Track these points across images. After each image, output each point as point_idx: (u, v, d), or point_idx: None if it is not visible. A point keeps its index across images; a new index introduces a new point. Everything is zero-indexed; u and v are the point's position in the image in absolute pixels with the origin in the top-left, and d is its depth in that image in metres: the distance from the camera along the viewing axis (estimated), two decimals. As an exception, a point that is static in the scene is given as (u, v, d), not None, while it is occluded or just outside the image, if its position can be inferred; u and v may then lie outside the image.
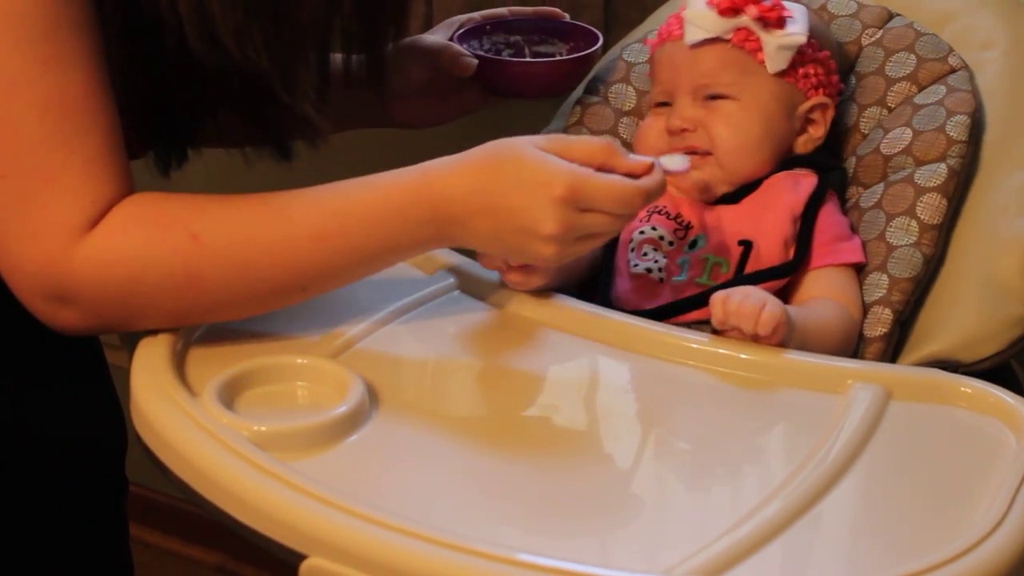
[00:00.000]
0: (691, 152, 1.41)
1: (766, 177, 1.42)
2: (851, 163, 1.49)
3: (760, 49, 1.41)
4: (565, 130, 1.55)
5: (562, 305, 1.33)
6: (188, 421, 1.15)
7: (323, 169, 1.37)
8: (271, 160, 1.40)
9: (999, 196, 1.39)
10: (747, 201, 1.42)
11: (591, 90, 1.57)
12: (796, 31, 1.42)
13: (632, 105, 1.56)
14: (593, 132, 1.54)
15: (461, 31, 1.57)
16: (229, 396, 1.18)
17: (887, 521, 1.09)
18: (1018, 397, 1.19)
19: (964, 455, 1.16)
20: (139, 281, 1.21)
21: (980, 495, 1.09)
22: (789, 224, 1.39)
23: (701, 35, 1.42)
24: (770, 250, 1.38)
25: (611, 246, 1.41)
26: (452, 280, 1.38)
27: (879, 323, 1.36)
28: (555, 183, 1.20)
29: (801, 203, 1.40)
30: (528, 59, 1.59)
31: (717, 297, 1.28)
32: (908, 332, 1.38)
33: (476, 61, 1.52)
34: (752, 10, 1.40)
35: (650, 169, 1.24)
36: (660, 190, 1.24)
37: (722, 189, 1.42)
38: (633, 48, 1.59)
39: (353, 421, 1.16)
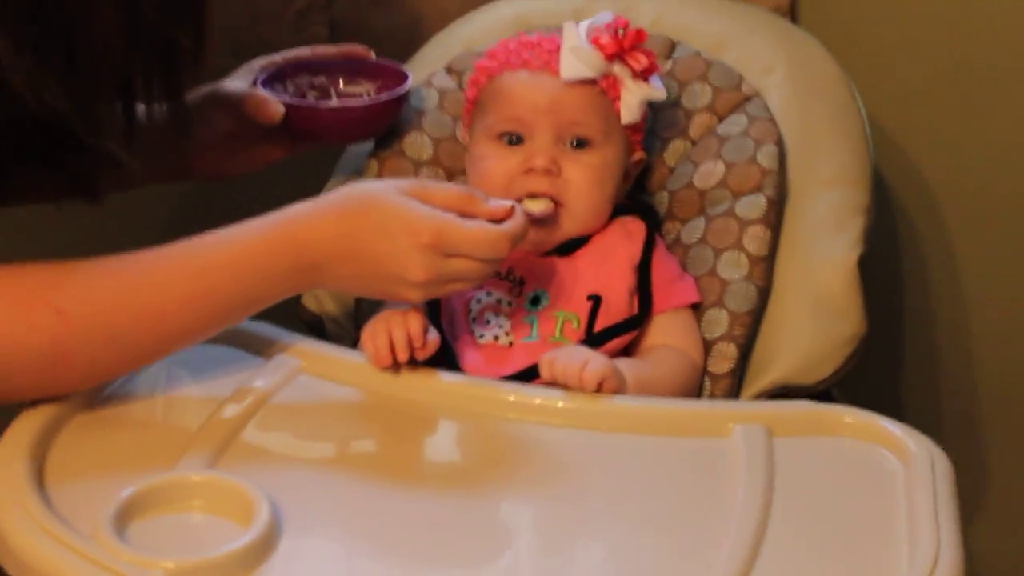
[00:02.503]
0: (547, 198, 1.37)
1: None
2: (662, 198, 1.50)
3: (619, 98, 1.40)
4: (365, 186, 1.50)
5: (414, 375, 1.29)
6: (86, 563, 1.05)
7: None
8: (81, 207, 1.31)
9: (812, 218, 1.44)
10: (584, 253, 1.40)
11: (385, 142, 1.52)
12: (658, 86, 1.41)
13: (430, 154, 1.52)
14: (395, 186, 1.49)
15: (263, 76, 1.50)
16: (121, 526, 1.09)
17: (825, 571, 1.10)
18: (898, 423, 1.23)
19: (863, 487, 1.19)
20: (3, 362, 1.16)
21: (897, 528, 1.12)
22: (632, 275, 1.39)
23: (582, 72, 1.38)
24: (617, 302, 1.37)
25: (447, 319, 1.38)
26: (295, 363, 1.31)
27: (725, 359, 1.38)
28: (422, 230, 1.21)
29: (638, 253, 1.40)
30: (338, 103, 1.52)
31: (544, 360, 1.28)
32: (747, 362, 1.40)
33: (283, 108, 1.45)
34: (636, 59, 1.38)
35: (511, 213, 1.25)
36: (524, 233, 1.25)
37: (558, 242, 1.40)
38: (420, 94, 1.54)
39: (268, 542, 1.08)
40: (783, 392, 1.38)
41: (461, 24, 1.63)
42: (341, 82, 1.56)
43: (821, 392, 1.38)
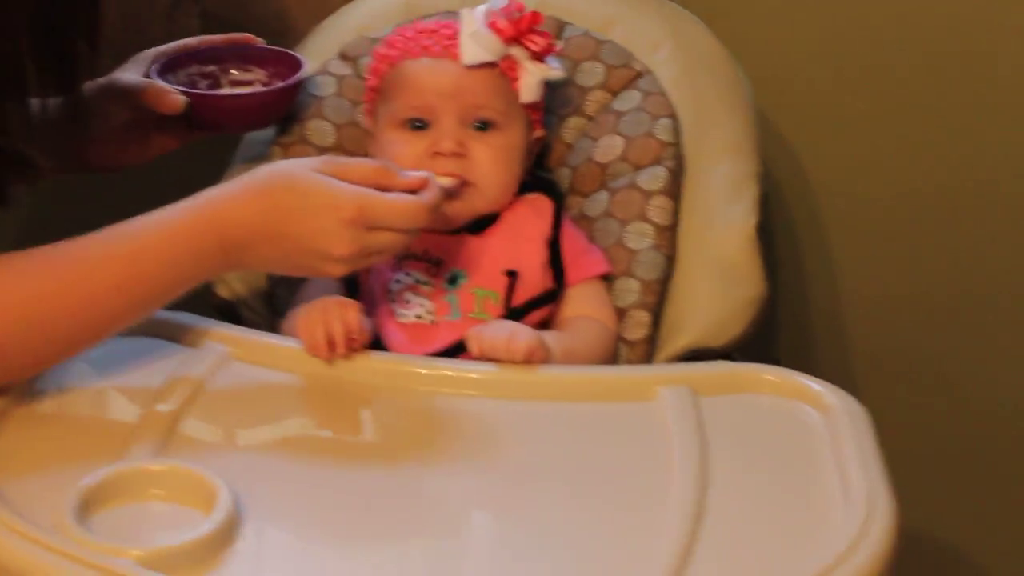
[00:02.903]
0: (453, 177, 1.40)
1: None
2: (563, 174, 1.54)
3: (518, 79, 1.43)
4: (270, 173, 1.51)
5: (347, 357, 1.31)
6: (54, 556, 1.05)
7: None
8: None
9: (708, 188, 1.49)
10: (495, 230, 1.44)
11: (286, 130, 1.53)
12: (555, 66, 1.45)
13: (332, 140, 1.53)
14: (300, 172, 1.50)
15: (157, 65, 1.50)
16: (83, 517, 1.09)
17: (773, 522, 1.14)
18: (817, 380, 1.29)
19: (790, 441, 1.24)
20: None
21: (828, 478, 1.18)
22: (545, 249, 1.43)
23: (482, 56, 1.41)
24: (532, 276, 1.41)
25: (366, 299, 1.40)
26: (223, 349, 1.32)
27: (639, 326, 1.43)
28: (343, 205, 1.24)
29: (549, 228, 1.44)
30: (237, 92, 1.53)
31: (471, 335, 1.32)
32: (658, 328, 1.46)
33: (183, 98, 1.45)
34: (533, 40, 1.42)
35: (426, 183, 1.28)
36: (440, 203, 1.29)
37: (468, 218, 1.43)
38: (317, 81, 1.56)
39: (231, 527, 1.10)
40: (694, 355, 1.43)
41: (350, 10, 1.65)
42: (232, 71, 1.57)
43: (726, 354, 1.45)
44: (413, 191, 1.28)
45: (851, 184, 1.80)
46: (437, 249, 1.42)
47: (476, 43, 1.42)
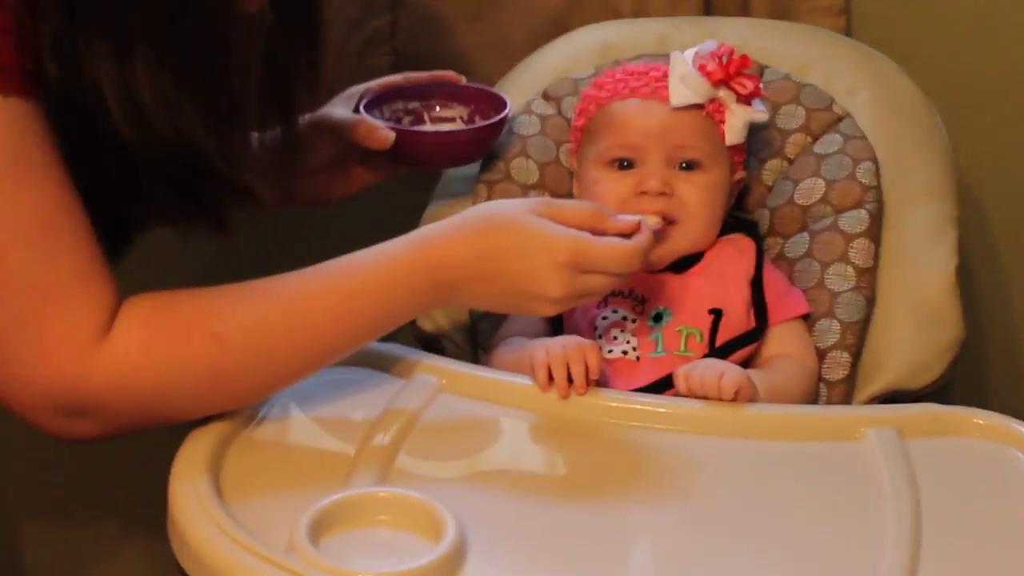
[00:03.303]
0: (660, 216, 1.43)
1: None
2: (762, 215, 1.56)
3: (724, 121, 1.46)
4: (476, 210, 1.55)
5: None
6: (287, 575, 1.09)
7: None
8: (207, 237, 1.35)
9: (908, 231, 1.51)
10: (698, 270, 1.46)
11: (491, 167, 1.57)
12: (761, 109, 1.48)
13: (536, 178, 1.57)
14: (504, 210, 1.54)
15: (365, 101, 1.54)
16: (314, 539, 1.13)
17: (991, 571, 1.15)
18: (1024, 424, 1.30)
19: (999, 487, 1.25)
20: (164, 388, 1.22)
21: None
22: (748, 289, 1.45)
23: (690, 99, 1.45)
24: (736, 315, 1.44)
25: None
26: (434, 381, 1.35)
27: (839, 367, 1.45)
28: (558, 249, 1.26)
29: (752, 268, 1.46)
30: (444, 128, 1.58)
31: (679, 373, 1.34)
32: (856, 369, 1.47)
33: (393, 134, 1.49)
34: (741, 84, 1.45)
35: (639, 227, 1.30)
36: (652, 246, 1.31)
37: (673, 258, 1.46)
38: (521, 120, 1.60)
39: (458, 555, 1.12)
40: (892, 397, 1.44)
41: (548, 51, 1.69)
42: (436, 107, 1.61)
43: (923, 396, 1.45)
44: (626, 235, 1.30)
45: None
46: (642, 287, 1.45)
47: (685, 86, 1.45)
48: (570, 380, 1.31)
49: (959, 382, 1.47)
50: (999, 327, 1.88)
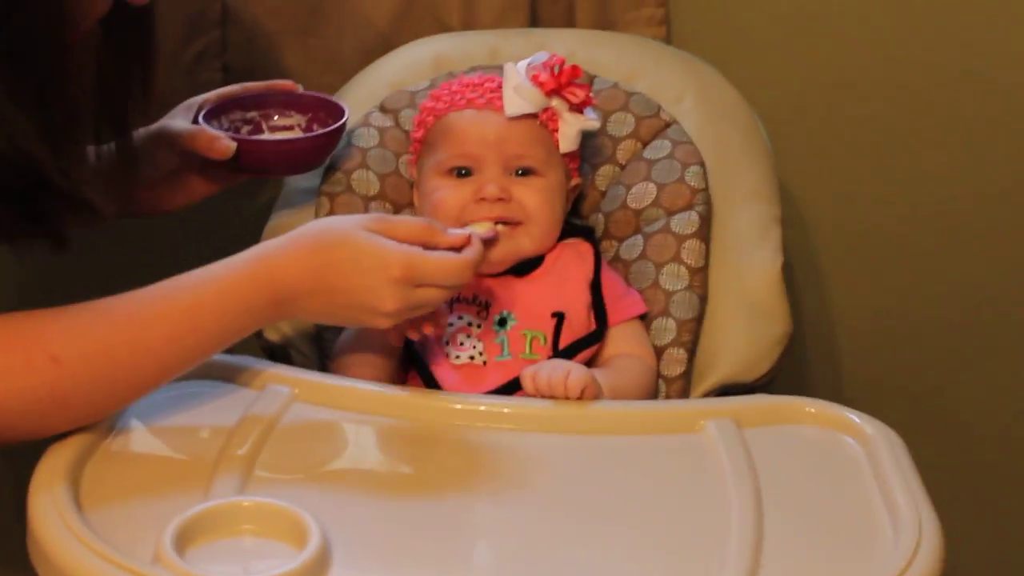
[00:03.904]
0: (502, 222, 1.48)
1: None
2: (597, 219, 1.62)
3: (557, 129, 1.51)
4: (318, 220, 1.57)
5: (398, 395, 1.38)
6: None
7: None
8: (44, 252, 1.35)
9: (734, 231, 1.57)
10: (539, 275, 1.51)
11: (332, 179, 1.60)
12: (592, 117, 1.53)
13: (377, 189, 1.60)
14: (346, 221, 1.57)
15: (203, 112, 1.56)
16: (180, 551, 1.14)
17: (829, 549, 1.21)
18: (855, 411, 1.37)
19: (833, 470, 1.32)
20: (3, 412, 1.21)
21: (875, 505, 1.25)
22: (587, 292, 1.50)
23: (525, 108, 1.49)
24: (578, 318, 1.48)
25: (419, 343, 1.46)
26: (287, 391, 1.38)
27: (676, 363, 1.51)
28: (391, 264, 1.30)
29: (591, 271, 1.51)
30: (284, 137, 1.60)
31: (526, 374, 1.39)
32: (692, 365, 1.53)
33: (234, 144, 1.51)
34: (573, 93, 1.49)
35: (469, 241, 1.34)
36: (482, 258, 1.35)
37: (515, 261, 1.50)
38: (359, 133, 1.63)
39: (323, 561, 1.15)
40: (726, 390, 1.51)
41: (381, 64, 1.72)
42: (274, 116, 1.64)
43: (756, 389, 1.52)
44: (456, 248, 1.34)
45: (861, 215, 1.91)
46: (485, 293, 1.49)
47: (519, 96, 1.49)
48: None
49: (782, 373, 1.54)
50: (817, 320, 1.97)
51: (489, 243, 1.42)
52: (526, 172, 1.50)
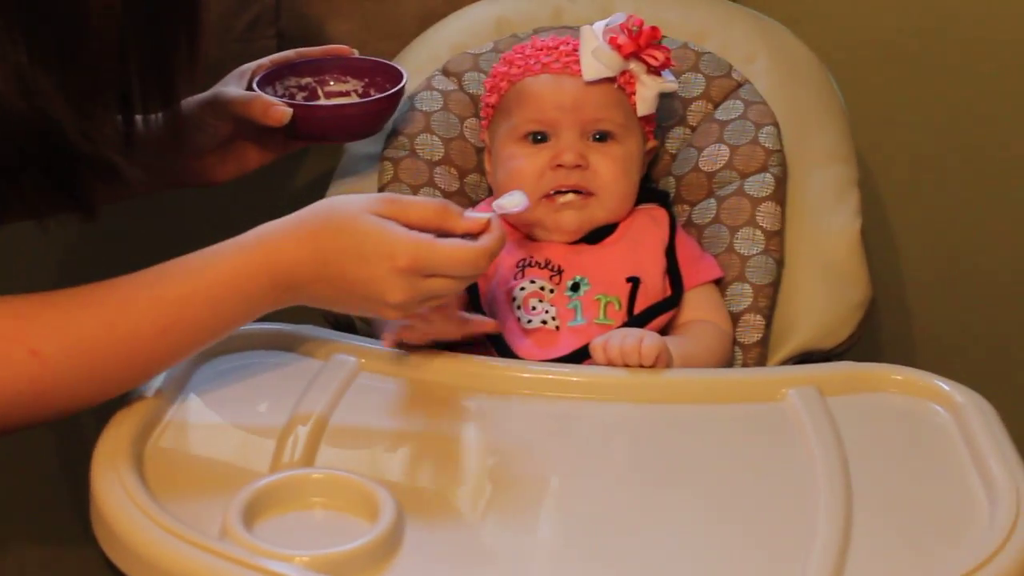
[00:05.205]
0: (575, 191, 1.44)
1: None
2: (668, 183, 1.57)
3: (635, 92, 1.46)
4: (381, 188, 1.53)
5: (467, 363, 1.34)
6: (223, 562, 1.07)
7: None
8: (75, 224, 1.29)
9: (811, 194, 1.53)
10: (613, 240, 1.47)
11: (395, 144, 1.55)
12: (671, 79, 1.48)
13: (441, 154, 1.56)
14: (411, 186, 1.53)
15: (257, 78, 1.52)
16: (248, 524, 1.10)
17: (922, 521, 1.16)
18: (944, 379, 1.32)
19: (923, 439, 1.26)
20: None
21: (967, 474, 1.21)
22: (663, 257, 1.46)
23: (603, 72, 1.45)
24: (653, 283, 1.44)
25: (487, 305, 1.43)
26: (353, 361, 1.34)
27: (753, 330, 1.46)
28: (398, 254, 1.21)
29: (666, 236, 1.47)
30: (341, 102, 1.55)
31: (596, 345, 1.34)
32: (769, 332, 1.48)
33: (290, 110, 1.46)
34: (652, 55, 1.45)
35: (487, 226, 1.26)
36: (502, 245, 1.26)
37: (589, 229, 1.46)
38: (423, 96, 1.58)
39: (396, 535, 1.11)
40: (805, 357, 1.46)
41: (442, 27, 1.68)
42: (330, 82, 1.59)
43: (835, 356, 1.47)
44: (474, 234, 1.26)
45: (936, 175, 1.86)
46: (558, 258, 1.45)
47: (597, 59, 1.45)
48: None
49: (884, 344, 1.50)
50: (891, 285, 1.91)
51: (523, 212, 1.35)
52: (603, 137, 1.46)
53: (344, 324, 1.50)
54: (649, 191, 1.53)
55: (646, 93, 1.46)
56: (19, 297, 1.18)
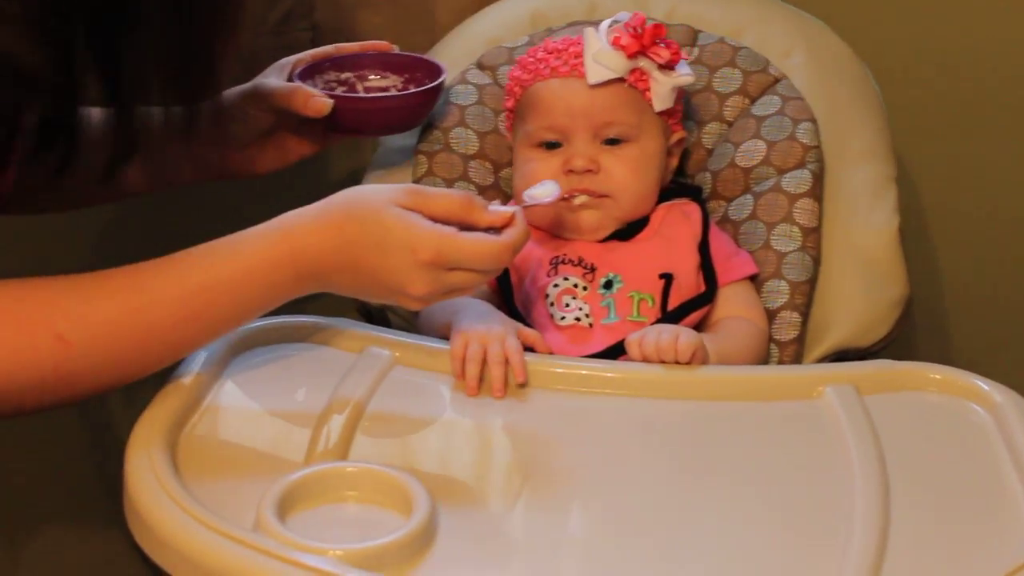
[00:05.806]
0: (589, 194, 1.43)
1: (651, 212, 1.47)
2: (704, 178, 1.56)
3: (649, 88, 1.45)
4: (416, 181, 1.52)
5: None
6: (256, 554, 1.06)
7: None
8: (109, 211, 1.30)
9: (848, 191, 1.52)
10: (646, 235, 1.46)
11: (429, 138, 1.55)
12: (685, 72, 1.47)
13: (476, 148, 1.55)
14: (445, 180, 1.52)
15: (298, 72, 1.52)
16: (282, 517, 1.10)
17: (961, 521, 1.15)
18: (983, 378, 1.30)
19: (961, 439, 1.25)
20: (6, 386, 1.16)
21: (1007, 474, 1.19)
22: (696, 253, 1.45)
23: (607, 75, 1.43)
24: (687, 280, 1.43)
25: (521, 302, 1.43)
26: (387, 354, 1.33)
27: (790, 327, 1.45)
28: (420, 247, 1.21)
29: (699, 232, 1.46)
30: (382, 95, 1.55)
31: (631, 341, 1.33)
32: (806, 328, 1.47)
33: (331, 101, 1.46)
34: (657, 53, 1.43)
35: (512, 220, 1.26)
36: (526, 239, 1.26)
37: (613, 228, 1.45)
38: (457, 90, 1.58)
39: (430, 530, 1.10)
40: (841, 355, 1.45)
41: (476, 21, 1.67)
42: (369, 76, 1.59)
43: (872, 354, 1.46)
44: (498, 228, 1.25)
45: (972, 174, 1.84)
46: (591, 256, 1.44)
47: (599, 63, 1.44)
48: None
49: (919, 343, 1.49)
50: (927, 283, 1.90)
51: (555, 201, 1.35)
52: (616, 141, 1.45)
53: (378, 317, 1.49)
54: (681, 186, 1.52)
55: (660, 89, 1.45)
56: (45, 281, 1.18)
